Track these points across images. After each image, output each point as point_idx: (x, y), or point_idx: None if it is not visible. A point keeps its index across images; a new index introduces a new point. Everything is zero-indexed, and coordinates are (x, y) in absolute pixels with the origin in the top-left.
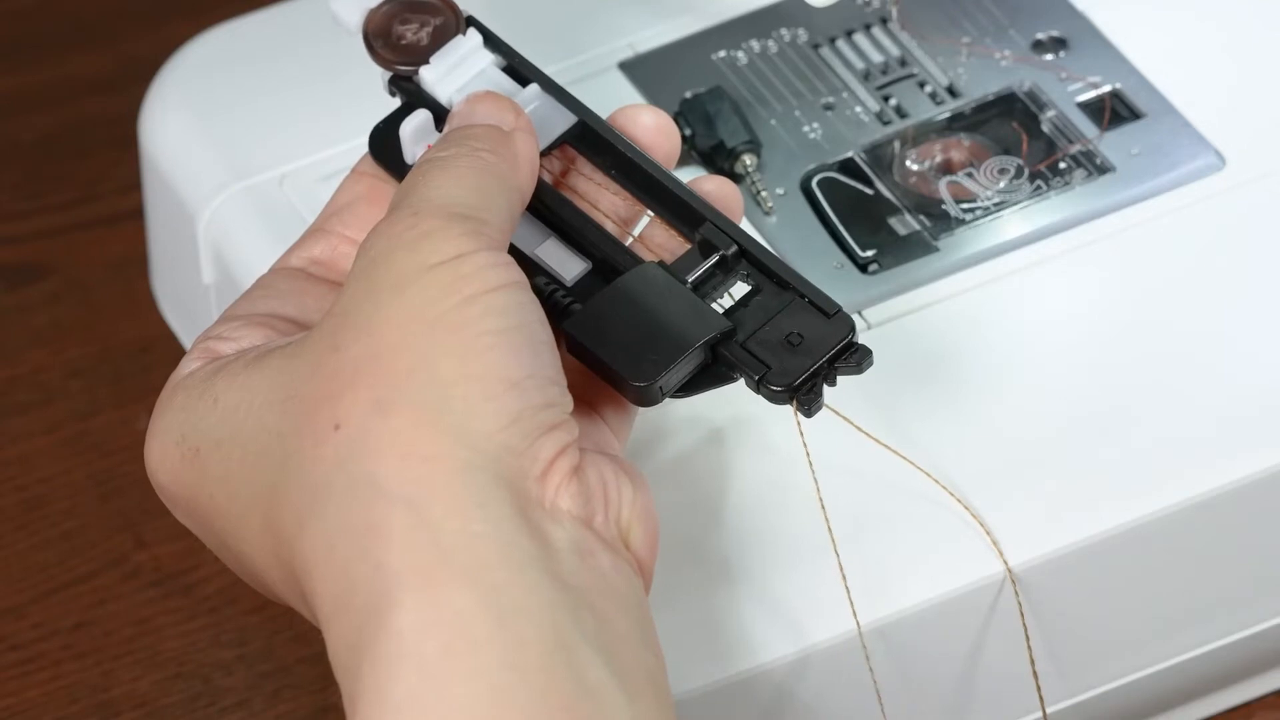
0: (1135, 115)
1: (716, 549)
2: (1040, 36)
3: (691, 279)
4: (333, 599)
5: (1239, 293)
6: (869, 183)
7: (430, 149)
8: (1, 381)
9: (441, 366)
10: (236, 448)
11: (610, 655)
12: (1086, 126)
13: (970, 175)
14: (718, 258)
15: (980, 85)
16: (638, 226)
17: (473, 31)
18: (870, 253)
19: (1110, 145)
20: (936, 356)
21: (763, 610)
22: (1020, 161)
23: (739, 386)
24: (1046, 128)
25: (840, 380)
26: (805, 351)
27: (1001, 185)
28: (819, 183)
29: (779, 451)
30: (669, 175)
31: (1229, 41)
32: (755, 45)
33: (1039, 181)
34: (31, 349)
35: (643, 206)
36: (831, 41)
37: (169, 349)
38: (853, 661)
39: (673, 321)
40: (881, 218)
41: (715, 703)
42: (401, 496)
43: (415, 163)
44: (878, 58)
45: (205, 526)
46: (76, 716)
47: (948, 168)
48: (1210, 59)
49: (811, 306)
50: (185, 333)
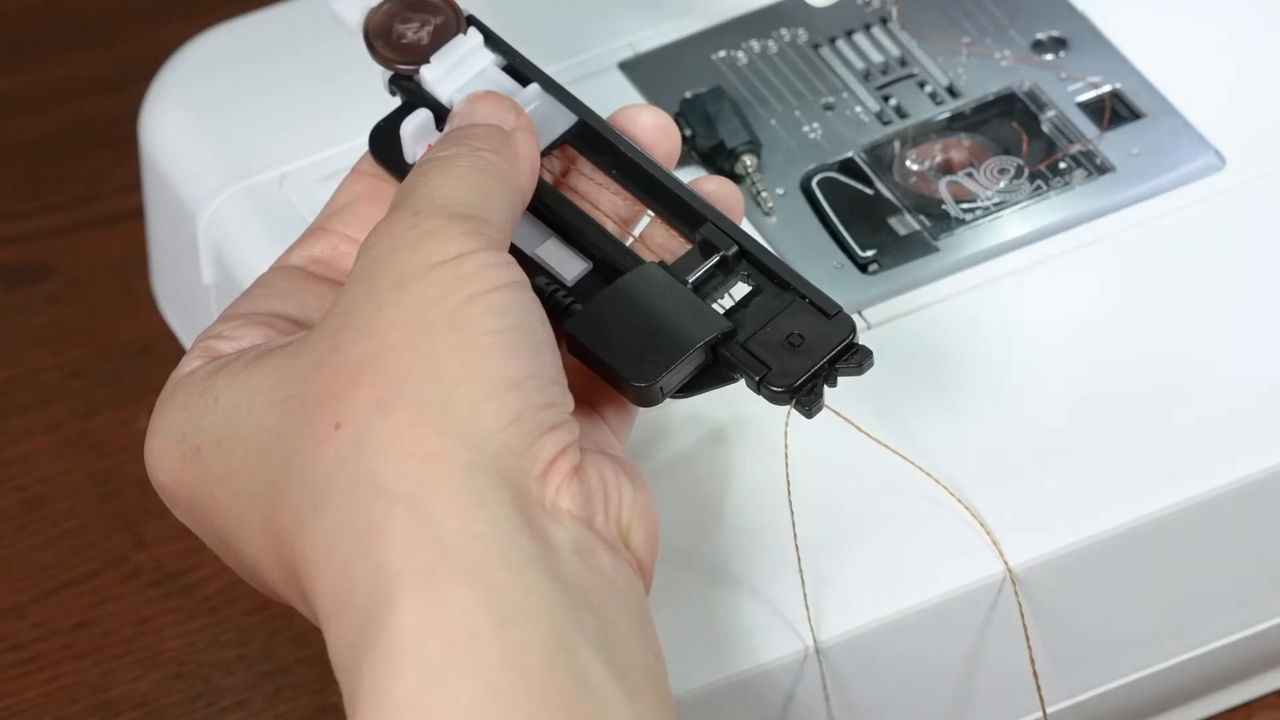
0: (1135, 115)
1: (717, 549)
2: (1040, 36)
3: (692, 279)
4: (333, 599)
5: (1239, 292)
6: (869, 183)
7: (431, 148)
8: (1, 381)
9: (442, 366)
10: (237, 447)
11: (611, 655)
12: (1086, 126)
13: (970, 175)
14: (718, 258)
15: (980, 85)
16: (638, 227)
17: (473, 31)
18: (870, 253)
19: (1110, 145)
20: (936, 356)
21: (763, 610)
22: (1020, 161)
23: (739, 387)
24: (1046, 128)
25: (840, 380)
26: (806, 352)
27: (1001, 185)
28: (819, 183)
29: (779, 451)
30: (669, 175)
31: (1229, 41)
32: (755, 45)
33: (1039, 181)
34: (31, 349)
35: (643, 206)
36: (831, 41)
37: (169, 349)
38: (853, 661)
39: (673, 322)
40: (881, 218)
41: (715, 703)
42: (402, 496)
43: (416, 162)
44: (878, 58)
45: (205, 526)
46: (76, 716)
47: (948, 168)
48: (1210, 59)
49: (812, 307)
50: (185, 333)
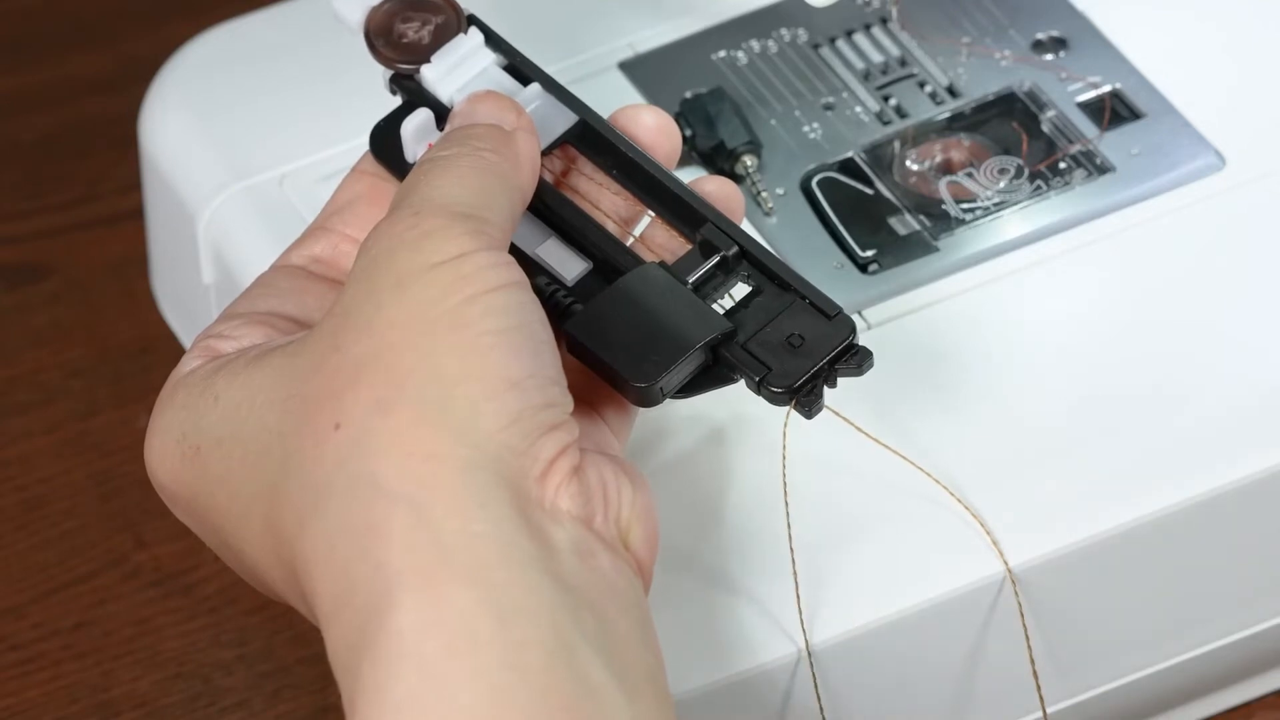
0: (1135, 115)
1: (717, 549)
2: (1040, 36)
3: (692, 280)
4: (333, 599)
5: (1239, 292)
6: (869, 183)
7: (431, 148)
8: (1, 381)
9: (443, 366)
10: (237, 446)
11: (611, 655)
12: (1086, 126)
13: (970, 175)
14: (718, 258)
15: (980, 85)
16: (639, 227)
17: (474, 30)
18: (870, 253)
19: (1110, 145)
20: (936, 356)
21: (762, 610)
22: (1020, 161)
23: (739, 387)
24: (1046, 128)
25: (840, 380)
26: (806, 353)
27: (1001, 185)
28: (819, 183)
29: (779, 452)
30: (670, 175)
31: (1229, 41)
32: (755, 45)
33: (1039, 181)
34: (31, 349)
35: (644, 207)
36: (831, 41)
37: (169, 349)
38: (853, 660)
39: (673, 322)
40: (881, 218)
41: (715, 703)
42: (402, 496)
43: (416, 162)
44: (878, 58)
45: (205, 525)
46: (76, 716)
47: (948, 168)
48: (1210, 59)
49: (812, 308)
50: (185, 333)
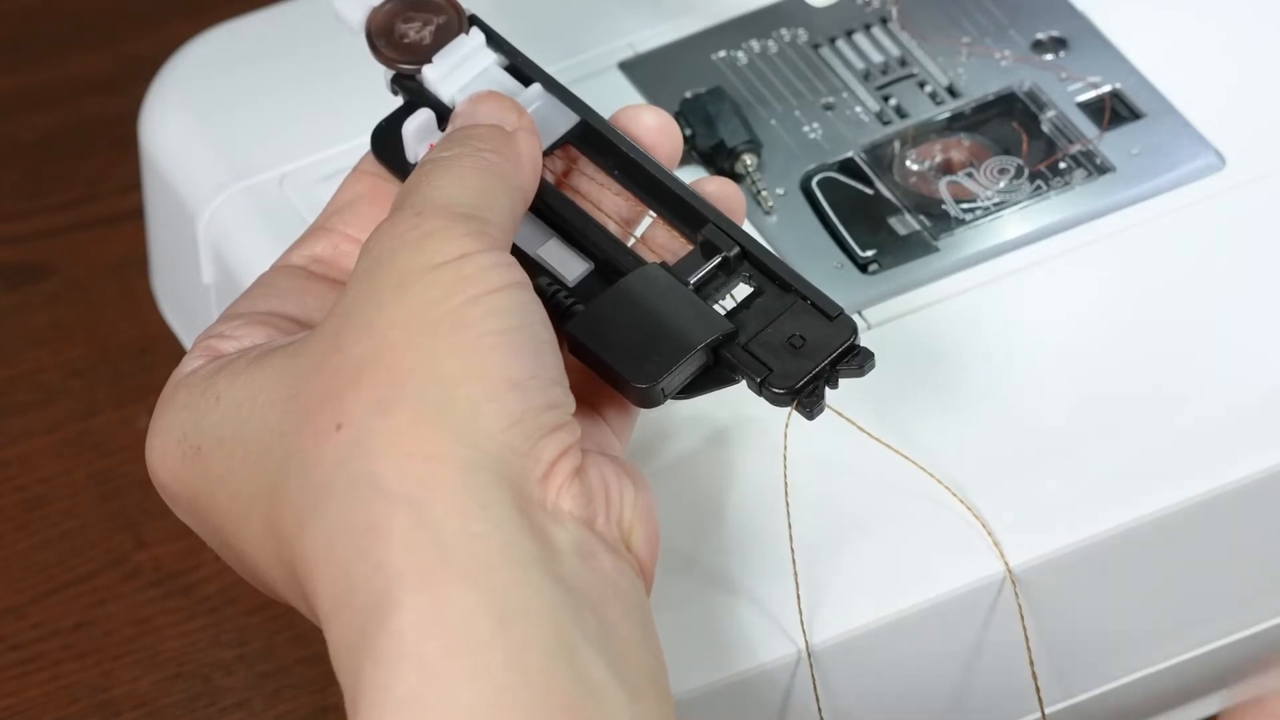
0: (1135, 115)
1: (718, 549)
2: (1040, 36)
3: (694, 280)
4: (333, 599)
5: (1239, 293)
6: (869, 183)
7: (433, 148)
8: (1, 381)
9: (444, 366)
10: (238, 446)
11: (612, 656)
12: (1086, 126)
13: (970, 175)
14: (720, 259)
15: (980, 85)
16: (640, 227)
17: (475, 31)
18: (870, 253)
19: (1110, 145)
20: (936, 356)
21: (762, 610)
22: (1020, 161)
23: (740, 388)
24: (1046, 128)
25: (841, 381)
26: (807, 354)
27: (1001, 185)
28: (819, 183)
29: (780, 452)
30: (671, 176)
31: (1229, 41)
32: (755, 45)
33: (1039, 181)
34: (31, 349)
35: (645, 207)
36: (831, 41)
37: (169, 349)
38: (853, 660)
39: (675, 323)
40: (881, 218)
41: (715, 703)
42: (403, 496)
43: (418, 162)
44: (878, 58)
45: (206, 525)
46: (76, 716)
47: (948, 168)
48: (1210, 59)
49: (814, 309)
50: (185, 333)
